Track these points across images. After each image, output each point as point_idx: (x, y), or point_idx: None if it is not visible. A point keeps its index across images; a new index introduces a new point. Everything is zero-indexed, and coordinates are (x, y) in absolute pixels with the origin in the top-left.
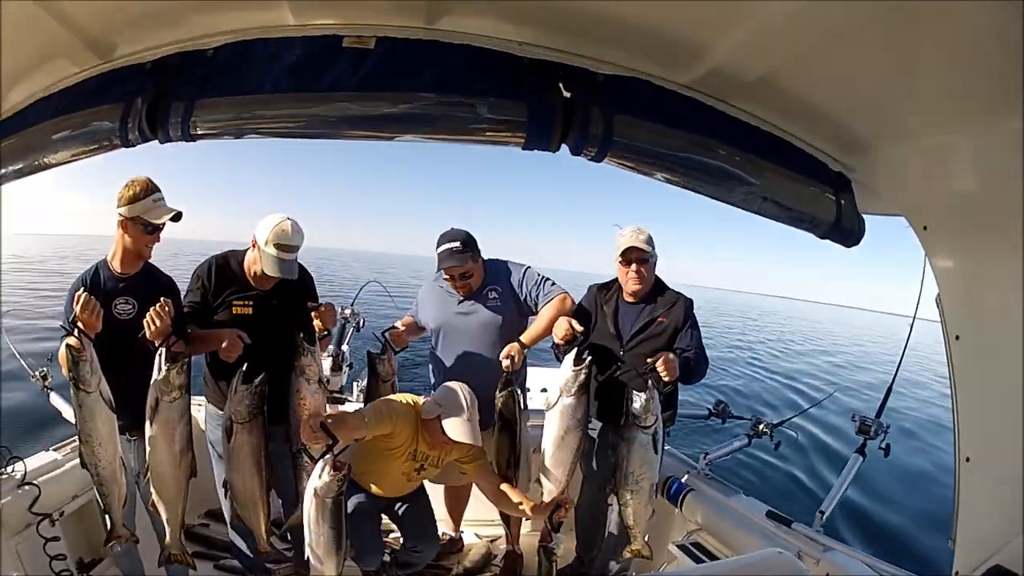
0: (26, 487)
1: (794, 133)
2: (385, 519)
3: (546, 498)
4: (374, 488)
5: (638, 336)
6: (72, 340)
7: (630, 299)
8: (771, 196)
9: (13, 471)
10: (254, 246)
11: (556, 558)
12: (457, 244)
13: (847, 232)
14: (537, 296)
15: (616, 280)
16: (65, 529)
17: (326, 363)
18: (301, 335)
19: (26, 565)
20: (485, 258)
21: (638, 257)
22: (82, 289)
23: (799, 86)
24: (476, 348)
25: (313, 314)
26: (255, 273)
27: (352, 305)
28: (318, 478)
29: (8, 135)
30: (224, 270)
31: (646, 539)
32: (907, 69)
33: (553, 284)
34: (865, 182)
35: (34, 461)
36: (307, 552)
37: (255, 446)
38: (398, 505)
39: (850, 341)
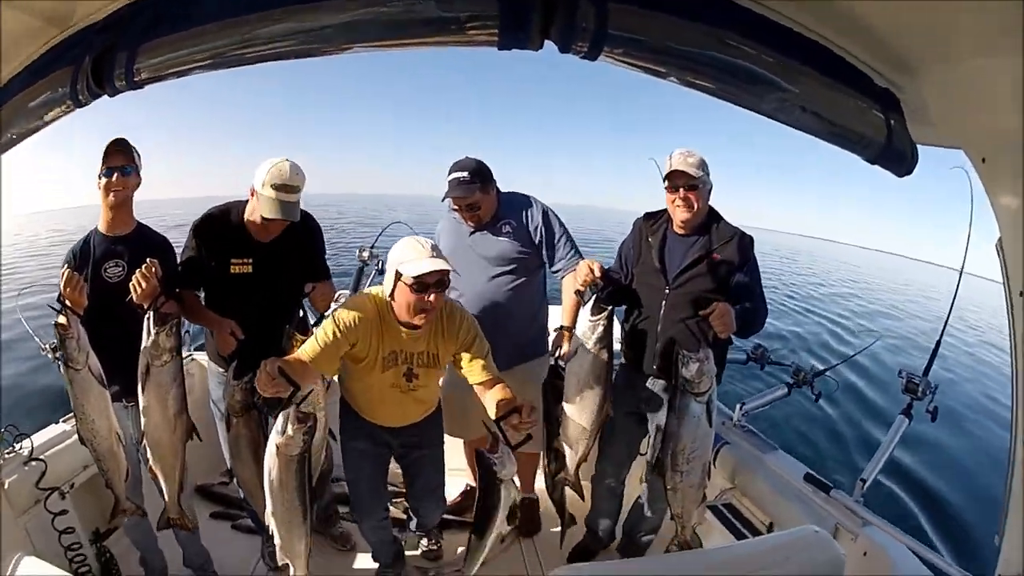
0: (33, 463)
1: (831, 39)
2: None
3: (569, 465)
4: (370, 417)
5: (687, 272)
6: (60, 318)
7: (680, 230)
8: (811, 106)
9: (20, 448)
10: (252, 194)
11: (500, 482)
12: (464, 174)
13: (899, 157)
14: (553, 254)
15: (665, 209)
16: (76, 501)
17: None
18: (289, 327)
19: (36, 542)
20: (508, 191)
21: (686, 182)
22: (65, 266)
23: None
24: (486, 280)
25: (309, 294)
26: (255, 223)
27: (372, 247)
28: (279, 433)
29: None
30: (221, 224)
31: (694, 526)
32: None
33: (572, 248)
34: (914, 104)
35: (43, 435)
36: (268, 522)
37: (253, 437)
38: (407, 449)
39: (892, 290)
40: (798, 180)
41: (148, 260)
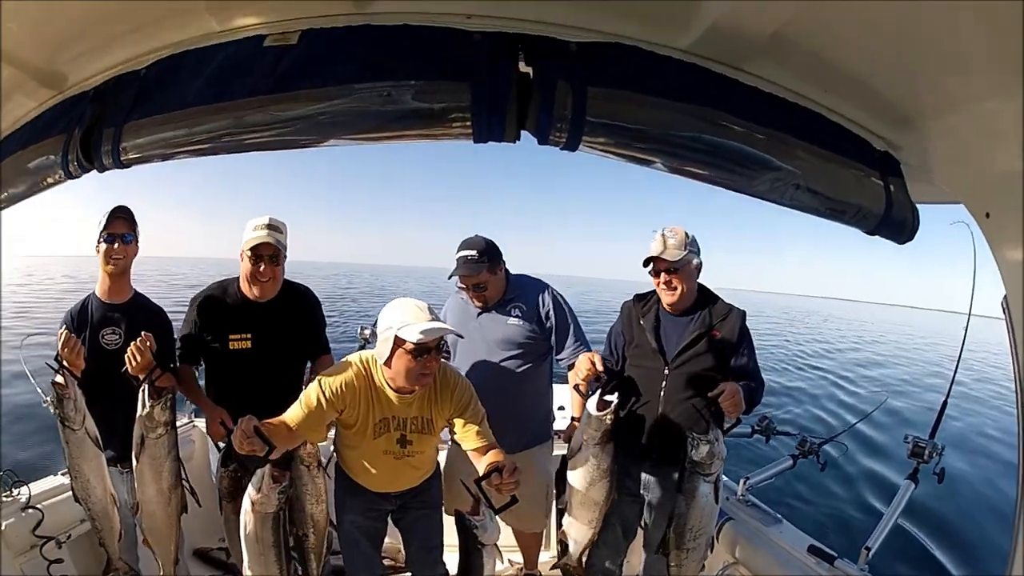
0: (30, 511)
1: (825, 104)
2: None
3: (573, 553)
4: (365, 483)
5: (688, 351)
6: (58, 378)
7: (671, 311)
8: (807, 183)
9: (18, 494)
10: (242, 257)
11: (482, 547)
12: (473, 252)
13: (899, 224)
14: (563, 342)
15: (655, 290)
16: (73, 552)
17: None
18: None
19: None
20: (517, 273)
21: (666, 267)
22: (64, 327)
23: (820, 44)
24: (493, 363)
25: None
26: (250, 286)
27: (374, 326)
28: (255, 490)
29: None
30: (217, 300)
31: None
32: (951, 20)
33: (581, 338)
34: (914, 163)
35: (42, 484)
36: None
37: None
38: (404, 510)
39: (899, 342)
40: (797, 239)
41: (143, 333)
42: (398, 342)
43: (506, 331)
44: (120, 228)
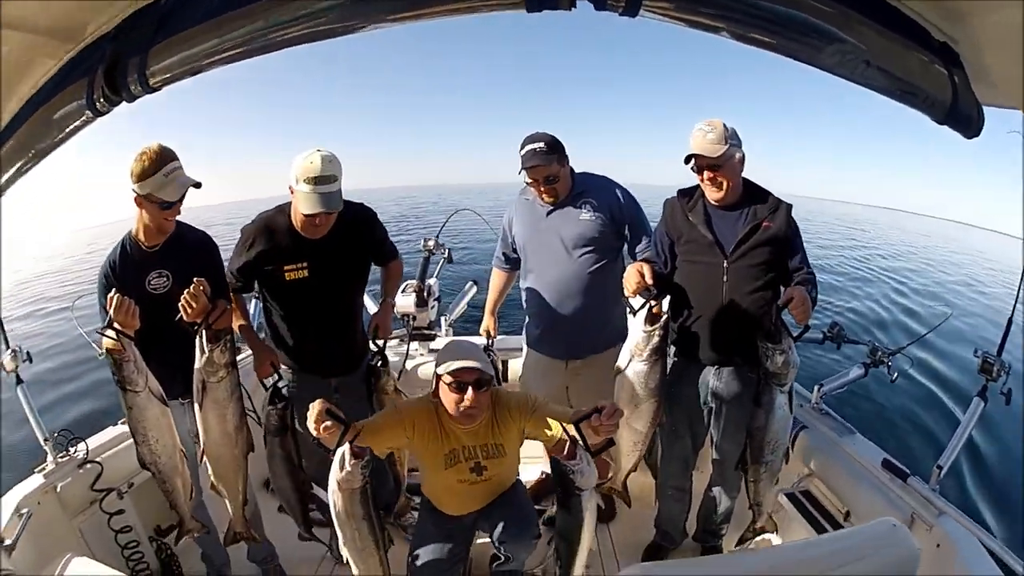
0: (88, 466)
1: None
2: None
3: (618, 476)
4: (447, 507)
5: (746, 243)
6: (110, 343)
7: (718, 206)
8: (876, 61)
9: (75, 452)
10: (292, 192)
11: (580, 492)
12: (541, 144)
13: (965, 117)
14: (637, 236)
15: (699, 184)
16: (135, 500)
17: (410, 298)
18: (377, 360)
19: (90, 542)
20: (585, 171)
21: (708, 164)
22: (113, 291)
23: None
24: (567, 262)
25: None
26: (303, 222)
27: (437, 236)
28: (339, 470)
29: (8, 138)
30: (271, 229)
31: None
32: None
33: (651, 242)
34: (972, 60)
35: (102, 436)
36: (344, 555)
37: (286, 456)
38: (484, 517)
39: (960, 262)
40: (855, 148)
41: (195, 280)
42: (439, 377)
43: (580, 226)
44: (172, 195)
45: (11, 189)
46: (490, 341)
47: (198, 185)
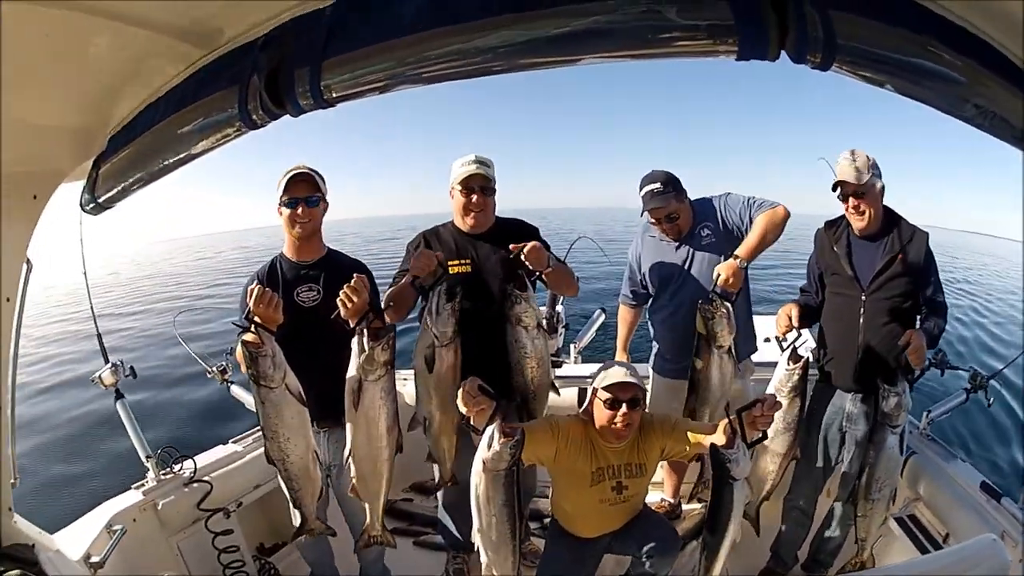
0: (195, 484)
1: (991, 35)
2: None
3: (751, 505)
4: (581, 530)
5: (881, 276)
6: (249, 336)
7: (860, 235)
8: (1000, 111)
9: (180, 470)
10: (452, 193)
11: (733, 481)
12: (658, 185)
13: None
14: (749, 216)
15: (844, 215)
16: (243, 519)
17: None
18: (510, 284)
19: (188, 560)
20: (697, 198)
21: (853, 191)
22: (255, 282)
23: None
24: (698, 292)
25: (522, 257)
26: (462, 207)
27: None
28: (486, 448)
29: (121, 148)
30: (434, 238)
31: (873, 549)
32: None
33: (762, 199)
34: None
35: (211, 455)
36: (476, 539)
37: (458, 368)
38: (618, 538)
39: None
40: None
41: (356, 276)
42: (594, 392)
43: (704, 255)
44: (302, 191)
45: (130, 198)
46: None
47: (310, 197)
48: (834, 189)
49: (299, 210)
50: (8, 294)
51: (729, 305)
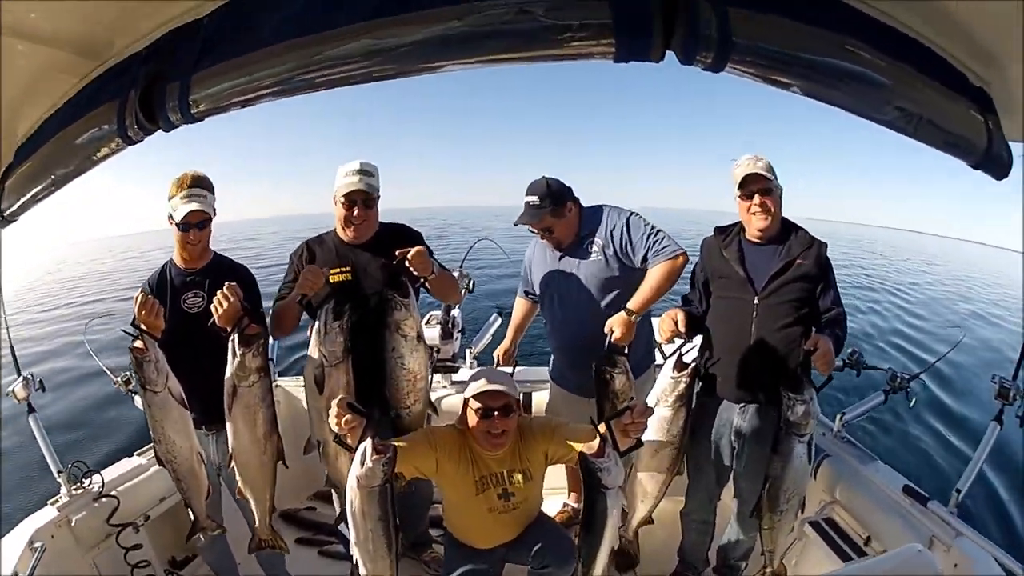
0: (103, 500)
1: (931, 39)
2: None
3: (633, 522)
4: (476, 540)
5: (776, 279)
6: (136, 343)
7: (756, 239)
8: (927, 115)
9: (89, 484)
10: (335, 202)
11: (606, 490)
12: (534, 198)
13: (998, 160)
14: (645, 252)
15: (737, 222)
16: (152, 532)
17: (434, 331)
18: (387, 288)
19: None
20: (591, 205)
21: (760, 187)
22: (140, 292)
23: None
24: (584, 306)
25: (407, 263)
26: (344, 230)
27: (460, 267)
28: (359, 465)
29: (24, 159)
30: (317, 246)
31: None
32: None
33: (664, 238)
34: (1002, 102)
35: (117, 469)
36: (354, 553)
37: (351, 388)
38: (514, 548)
39: (973, 280)
40: (876, 171)
41: (227, 284)
42: (466, 402)
43: (588, 269)
44: (194, 217)
45: (25, 215)
46: (509, 367)
47: (202, 221)
48: (741, 187)
49: (190, 234)
50: None
51: (626, 360)
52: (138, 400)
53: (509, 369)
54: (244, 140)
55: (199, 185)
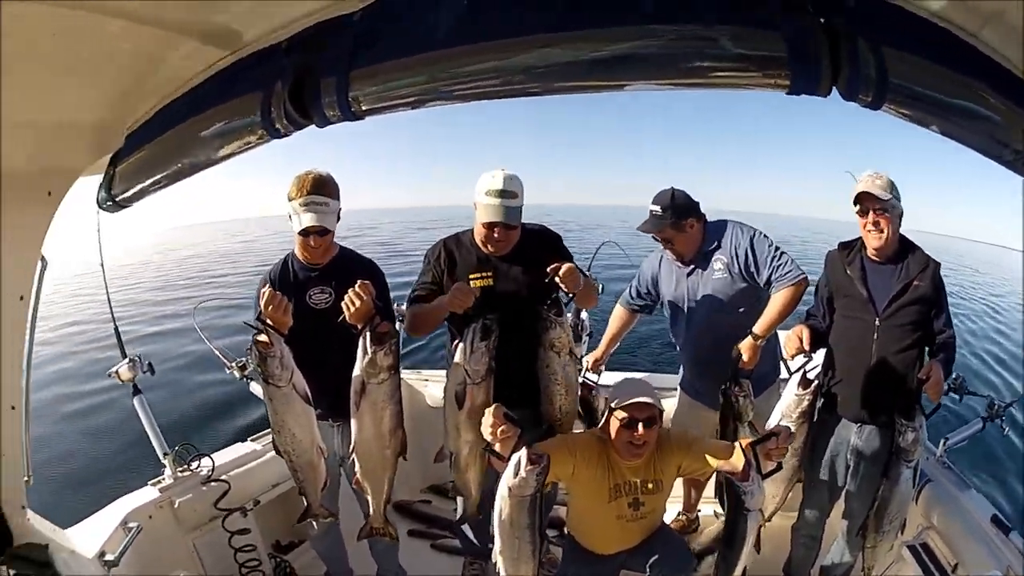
0: (213, 484)
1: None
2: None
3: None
4: (598, 546)
5: (895, 303)
6: (262, 336)
7: (875, 258)
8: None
9: (199, 467)
10: (475, 206)
11: (747, 512)
12: (656, 208)
13: None
14: (769, 275)
15: (859, 237)
16: (260, 517)
17: None
18: (545, 305)
19: (204, 559)
20: (716, 219)
21: (875, 206)
22: (267, 286)
23: None
24: (707, 323)
25: (556, 278)
26: (483, 238)
27: (588, 269)
28: (512, 475)
29: (138, 147)
30: (455, 248)
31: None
32: None
33: (787, 262)
34: None
35: (229, 453)
36: (496, 560)
37: (487, 405)
38: (634, 556)
39: None
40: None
41: (360, 282)
42: (611, 411)
43: (714, 285)
44: (313, 229)
45: (147, 198)
46: (596, 373)
47: (323, 231)
48: (856, 203)
49: (311, 239)
50: (22, 292)
51: (750, 384)
52: (254, 386)
53: (596, 377)
54: (360, 126)
55: (320, 191)
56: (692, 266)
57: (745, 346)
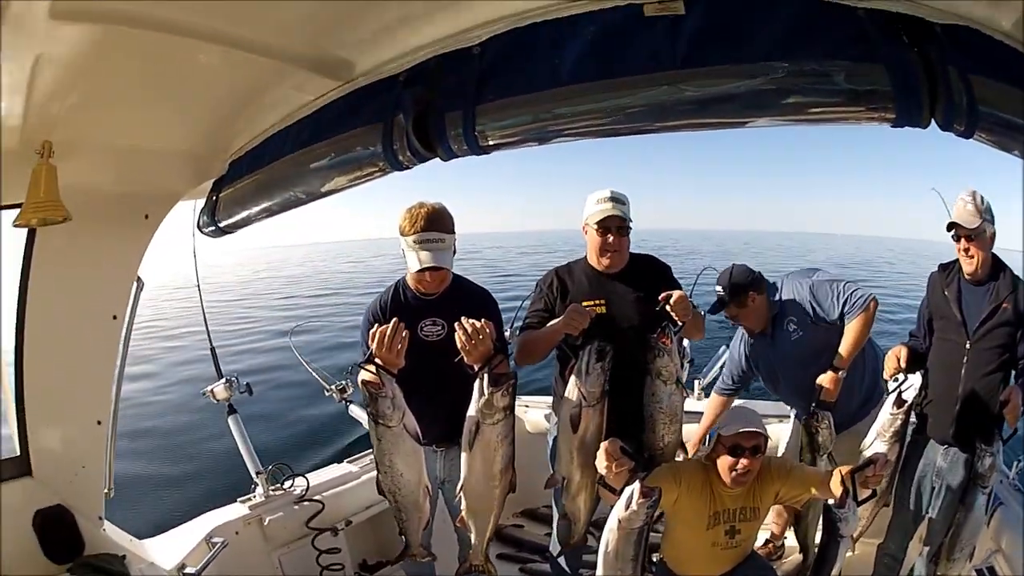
0: (306, 503)
1: None
2: None
3: (840, 560)
4: (690, 572)
5: (986, 323)
6: (369, 376)
7: (970, 279)
8: None
9: (292, 487)
10: (585, 230)
11: (841, 539)
12: (719, 288)
13: None
14: (841, 311)
15: (957, 259)
16: (350, 537)
17: None
18: (655, 333)
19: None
20: (775, 283)
21: (965, 234)
22: (376, 325)
23: None
24: (799, 383)
25: (668, 308)
26: (598, 256)
27: (690, 295)
28: (624, 508)
29: (245, 175)
30: (567, 276)
31: None
32: None
33: (853, 291)
34: None
35: (325, 473)
36: None
37: (603, 430)
38: None
39: None
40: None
41: (482, 321)
42: (719, 439)
43: (796, 348)
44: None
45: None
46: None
47: (436, 269)
48: (949, 229)
49: (427, 275)
50: (115, 311)
51: (830, 416)
52: (353, 409)
53: None
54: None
55: (434, 226)
56: (769, 336)
57: (827, 379)
